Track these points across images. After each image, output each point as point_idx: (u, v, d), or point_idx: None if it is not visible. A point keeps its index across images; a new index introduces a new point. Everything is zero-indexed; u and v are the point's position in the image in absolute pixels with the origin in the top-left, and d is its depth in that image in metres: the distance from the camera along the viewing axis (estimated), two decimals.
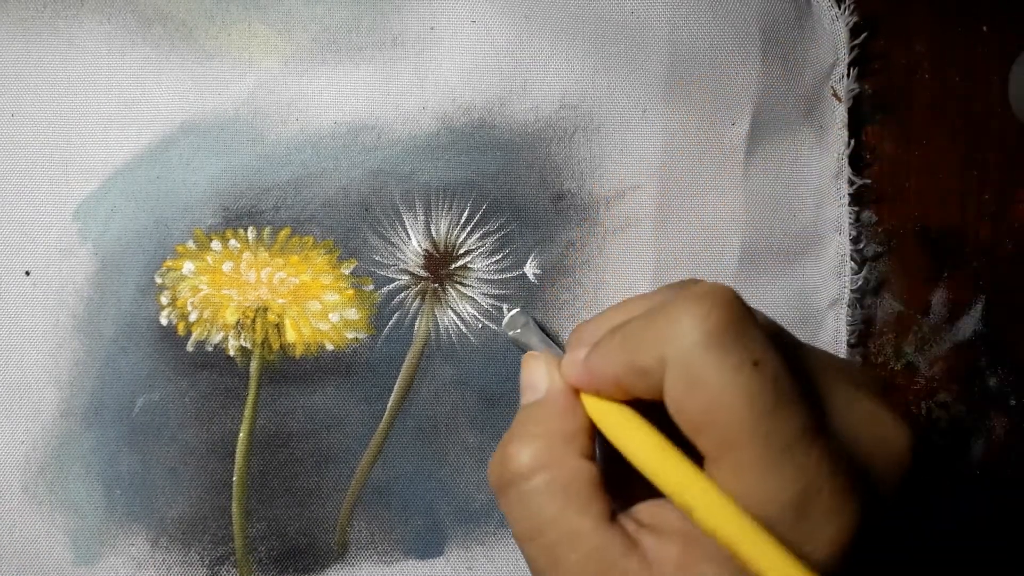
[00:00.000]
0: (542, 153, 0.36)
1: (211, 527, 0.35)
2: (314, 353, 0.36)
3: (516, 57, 0.36)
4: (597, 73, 0.36)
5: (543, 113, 0.36)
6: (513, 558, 0.36)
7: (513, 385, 0.36)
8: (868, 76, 0.38)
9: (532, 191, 0.36)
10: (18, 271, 0.35)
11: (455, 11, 0.35)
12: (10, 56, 0.35)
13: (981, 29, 0.38)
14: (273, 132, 0.35)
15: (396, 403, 0.36)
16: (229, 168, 0.35)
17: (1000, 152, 0.38)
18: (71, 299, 0.35)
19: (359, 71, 0.35)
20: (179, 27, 0.35)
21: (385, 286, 0.36)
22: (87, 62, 0.35)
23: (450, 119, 0.36)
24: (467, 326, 0.36)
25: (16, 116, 0.35)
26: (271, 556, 0.36)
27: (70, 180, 0.35)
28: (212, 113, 0.35)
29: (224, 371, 0.35)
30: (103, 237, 0.35)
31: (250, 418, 0.35)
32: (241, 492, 0.35)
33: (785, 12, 0.36)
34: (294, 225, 0.35)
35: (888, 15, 0.38)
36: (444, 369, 0.36)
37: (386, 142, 0.36)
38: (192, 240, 0.35)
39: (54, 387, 0.35)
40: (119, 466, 0.35)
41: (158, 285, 0.35)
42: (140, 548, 0.35)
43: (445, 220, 0.36)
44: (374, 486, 0.36)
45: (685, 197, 0.36)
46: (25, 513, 0.35)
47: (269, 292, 0.35)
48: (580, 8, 0.36)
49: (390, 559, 0.36)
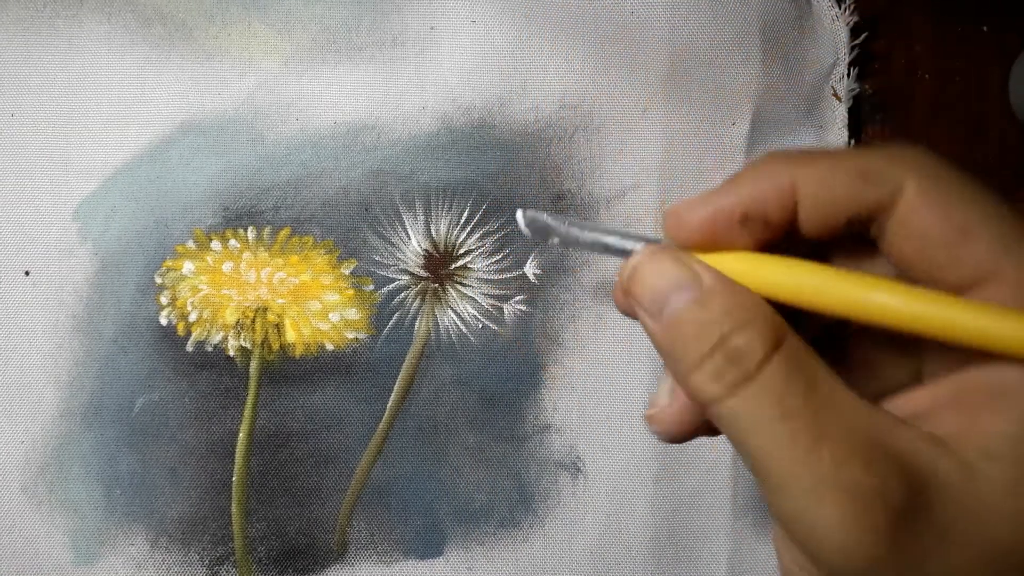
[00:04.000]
0: (542, 153, 0.36)
1: (211, 527, 0.35)
2: (314, 353, 0.36)
3: (516, 57, 0.36)
4: (597, 73, 0.36)
5: (543, 113, 0.36)
6: (513, 558, 0.36)
7: (513, 385, 0.36)
8: (868, 76, 0.38)
9: (532, 191, 0.36)
10: (18, 271, 0.35)
11: (455, 11, 0.35)
12: (10, 56, 0.35)
13: (981, 29, 0.38)
14: (273, 132, 0.35)
15: (396, 403, 0.36)
16: (229, 168, 0.35)
17: (1000, 152, 0.38)
18: (71, 299, 0.35)
19: (359, 71, 0.35)
20: (179, 27, 0.35)
21: (385, 286, 0.36)
22: (87, 62, 0.35)
23: (450, 119, 0.36)
24: (467, 326, 0.36)
25: (16, 116, 0.35)
26: (270, 556, 0.35)
27: (70, 180, 0.35)
28: (212, 113, 0.35)
29: (224, 371, 0.35)
30: (103, 237, 0.35)
31: (250, 418, 0.35)
32: (241, 492, 0.35)
33: (785, 12, 0.36)
34: (294, 225, 0.35)
35: (888, 15, 0.38)
36: (444, 369, 0.36)
37: (386, 142, 0.36)
38: (192, 240, 0.35)
39: (54, 387, 0.35)
40: (119, 466, 0.35)
41: (158, 285, 0.35)
42: (140, 548, 0.35)
43: (445, 220, 0.36)
44: (374, 486, 0.36)
45: (685, 197, 0.36)
46: (25, 513, 0.35)
47: (269, 292, 0.35)
48: (580, 8, 0.36)
49: (390, 559, 0.36)
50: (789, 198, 0.20)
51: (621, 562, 0.36)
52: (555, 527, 0.36)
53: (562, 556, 0.36)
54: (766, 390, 0.18)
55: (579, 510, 0.36)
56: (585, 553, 0.36)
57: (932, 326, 0.18)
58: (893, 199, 0.19)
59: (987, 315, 0.18)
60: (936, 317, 0.18)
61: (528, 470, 0.36)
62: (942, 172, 0.19)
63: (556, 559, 0.36)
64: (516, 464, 0.36)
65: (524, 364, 0.36)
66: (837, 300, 0.19)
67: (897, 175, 0.19)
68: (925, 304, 0.18)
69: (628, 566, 0.36)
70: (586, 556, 0.36)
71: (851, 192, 0.19)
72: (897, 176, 0.19)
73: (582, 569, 0.36)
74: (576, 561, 0.36)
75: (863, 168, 0.19)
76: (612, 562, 0.36)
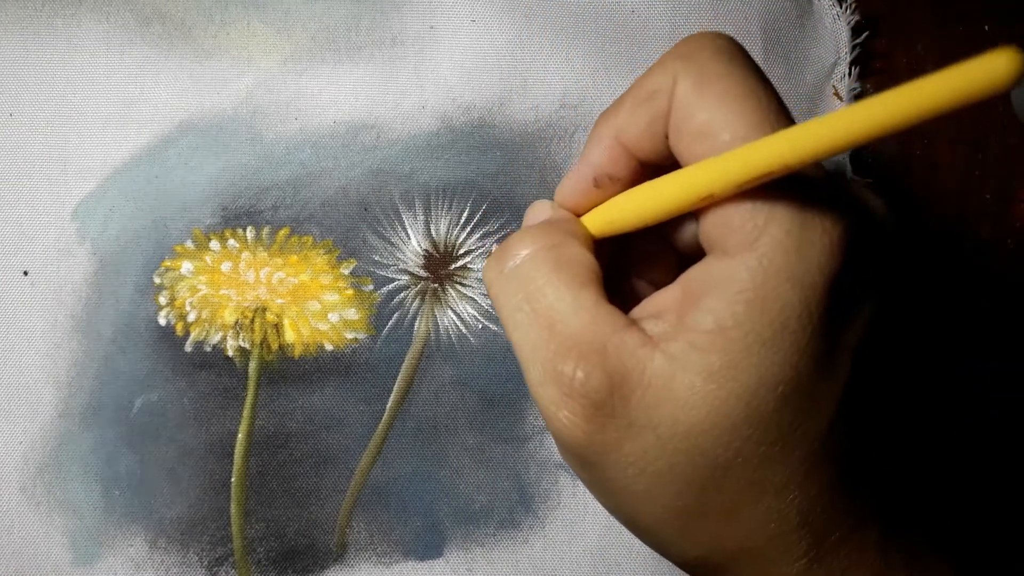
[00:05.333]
0: (542, 153, 0.36)
1: (210, 528, 0.35)
2: (313, 353, 0.35)
3: (516, 57, 0.36)
4: (597, 73, 0.36)
5: (543, 113, 0.36)
6: (513, 560, 0.36)
7: (513, 385, 0.36)
8: (869, 75, 0.38)
9: (532, 191, 0.36)
10: (16, 271, 0.35)
11: (455, 10, 0.35)
12: (8, 55, 0.34)
13: (983, 28, 0.38)
14: (272, 131, 0.35)
15: (396, 404, 0.36)
16: (228, 167, 0.35)
17: (1000, 152, 0.38)
18: (69, 299, 0.35)
19: (358, 70, 0.35)
20: (178, 26, 0.35)
21: (385, 286, 0.36)
22: (85, 61, 0.35)
23: (450, 119, 0.36)
24: (467, 326, 0.36)
25: (14, 115, 0.35)
26: (270, 557, 0.35)
27: (68, 180, 0.35)
28: (211, 112, 0.35)
29: (223, 371, 0.35)
30: (101, 237, 0.35)
31: (249, 418, 0.35)
32: (240, 493, 0.35)
33: (786, 11, 0.36)
34: (293, 225, 0.35)
35: (890, 14, 0.38)
36: (444, 369, 0.36)
37: (385, 142, 0.36)
38: (191, 240, 0.35)
39: (52, 387, 0.35)
40: (117, 466, 0.35)
41: (156, 285, 0.35)
42: (139, 549, 0.35)
43: (445, 220, 0.36)
44: (373, 487, 0.36)
45: None
46: (23, 514, 0.35)
47: (268, 292, 0.35)
48: (580, 8, 0.36)
49: (389, 560, 0.36)
50: (620, 149, 0.23)
51: (621, 563, 0.36)
52: (555, 528, 0.36)
53: (562, 557, 0.36)
54: (520, 279, 0.22)
55: (579, 511, 0.36)
56: (585, 554, 0.36)
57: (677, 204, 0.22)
58: (668, 109, 0.22)
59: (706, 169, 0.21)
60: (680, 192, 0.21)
61: (528, 471, 0.36)
62: (703, 63, 0.21)
63: (556, 560, 0.36)
64: (516, 465, 0.36)
65: None
66: (635, 214, 0.23)
67: (667, 85, 0.21)
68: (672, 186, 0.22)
69: (628, 567, 0.36)
70: (586, 557, 0.36)
71: (647, 119, 0.22)
72: (667, 86, 0.21)
73: (582, 570, 0.36)
74: (576, 562, 0.36)
75: (647, 91, 0.22)
76: (612, 563, 0.36)
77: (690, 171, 0.21)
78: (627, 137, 0.23)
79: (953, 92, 0.16)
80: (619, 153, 0.23)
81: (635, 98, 0.22)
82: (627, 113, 0.23)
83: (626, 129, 0.23)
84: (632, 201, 0.23)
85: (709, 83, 0.21)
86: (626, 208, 0.23)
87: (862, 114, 0.17)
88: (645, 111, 0.22)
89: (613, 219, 0.24)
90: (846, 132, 0.18)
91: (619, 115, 0.23)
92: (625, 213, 0.23)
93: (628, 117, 0.23)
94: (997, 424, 0.39)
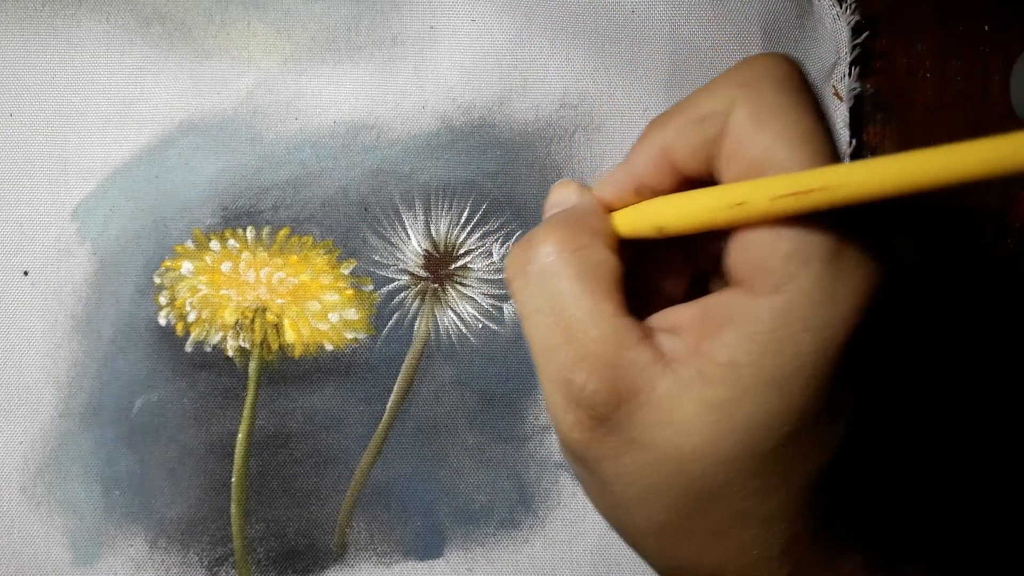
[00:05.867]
0: (542, 153, 0.36)
1: (210, 528, 0.35)
2: (313, 353, 0.35)
3: (516, 57, 0.36)
4: (597, 73, 0.36)
5: (543, 113, 0.36)
6: (513, 560, 0.36)
7: (513, 385, 0.36)
8: (869, 75, 0.38)
9: (532, 191, 0.36)
10: (16, 271, 0.35)
11: (455, 10, 0.35)
12: (8, 55, 0.34)
13: (983, 29, 0.38)
14: (272, 131, 0.35)
15: (396, 404, 0.36)
16: (228, 168, 0.35)
17: None
18: (69, 299, 0.35)
19: (358, 70, 0.35)
20: (178, 26, 0.35)
21: (385, 286, 0.36)
22: (85, 61, 0.35)
23: (450, 119, 0.36)
24: (467, 326, 0.36)
25: (14, 116, 0.35)
26: (270, 557, 0.35)
27: (68, 180, 0.35)
28: (211, 112, 0.35)
29: (223, 371, 0.35)
30: (101, 237, 0.35)
31: (249, 419, 0.35)
32: (240, 493, 0.35)
33: (786, 11, 0.36)
34: (293, 225, 0.35)
35: (890, 14, 0.38)
36: (444, 369, 0.36)
37: (385, 142, 0.36)
38: (191, 240, 0.35)
39: (52, 387, 0.35)
40: (118, 467, 0.35)
41: (156, 285, 0.35)
42: (139, 549, 0.35)
43: (445, 220, 0.36)
44: (373, 487, 0.36)
45: None
46: (23, 514, 0.35)
47: (268, 292, 0.35)
48: (580, 7, 0.36)
49: (389, 560, 0.36)
50: (666, 163, 0.23)
51: (621, 563, 0.36)
52: (555, 528, 0.36)
53: (563, 557, 0.36)
54: (544, 282, 0.22)
55: (580, 511, 0.36)
56: (585, 554, 0.36)
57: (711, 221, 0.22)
58: (721, 135, 0.21)
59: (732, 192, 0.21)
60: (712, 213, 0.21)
61: (528, 471, 0.36)
62: (762, 94, 0.21)
63: (556, 560, 0.36)
64: (516, 465, 0.36)
65: (524, 364, 0.36)
66: (675, 223, 0.23)
67: (723, 109, 0.21)
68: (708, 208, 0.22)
69: (628, 567, 0.36)
70: (586, 557, 0.36)
71: (698, 141, 0.22)
72: (723, 111, 0.21)
73: (582, 570, 0.36)
74: (576, 562, 0.36)
75: (701, 112, 0.22)
76: (612, 563, 0.36)
77: (739, 189, 0.21)
78: (675, 154, 0.23)
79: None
80: (665, 168, 0.23)
81: (688, 117, 0.22)
82: (678, 130, 0.22)
83: (675, 147, 0.23)
84: (675, 208, 0.23)
85: (767, 118, 0.21)
86: (666, 214, 0.23)
87: (922, 162, 0.17)
88: (697, 133, 0.22)
89: (652, 224, 0.23)
90: (908, 177, 0.18)
91: (669, 130, 0.23)
92: (666, 219, 0.23)
93: (678, 135, 0.22)
94: (996, 432, 0.39)
